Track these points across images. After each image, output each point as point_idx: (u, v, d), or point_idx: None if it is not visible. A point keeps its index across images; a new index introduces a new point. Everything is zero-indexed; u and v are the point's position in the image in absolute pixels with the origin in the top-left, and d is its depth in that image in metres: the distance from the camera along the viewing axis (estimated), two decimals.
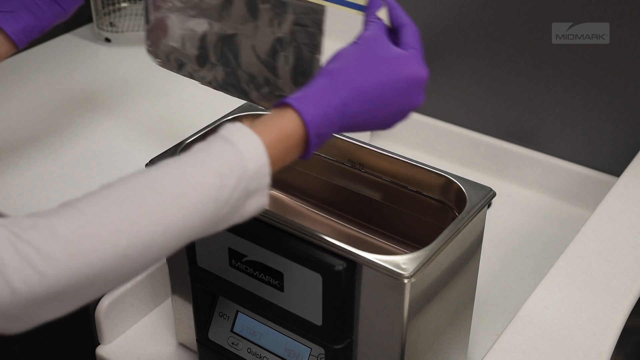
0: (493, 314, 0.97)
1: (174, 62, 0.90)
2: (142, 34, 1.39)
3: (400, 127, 1.43)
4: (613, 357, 0.75)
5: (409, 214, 0.86)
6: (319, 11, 0.77)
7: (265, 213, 0.76)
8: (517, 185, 1.23)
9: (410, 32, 0.69)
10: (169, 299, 1.00)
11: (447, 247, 0.72)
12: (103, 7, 1.39)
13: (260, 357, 0.82)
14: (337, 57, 0.67)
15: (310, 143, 0.64)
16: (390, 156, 0.85)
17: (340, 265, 0.71)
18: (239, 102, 0.96)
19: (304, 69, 0.79)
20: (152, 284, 1.01)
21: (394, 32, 0.71)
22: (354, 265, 0.71)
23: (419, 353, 0.76)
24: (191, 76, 0.90)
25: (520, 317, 0.77)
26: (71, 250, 0.53)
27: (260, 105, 0.86)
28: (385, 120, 0.68)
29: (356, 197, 0.90)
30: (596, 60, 1.10)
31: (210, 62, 0.87)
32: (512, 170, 1.23)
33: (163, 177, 0.58)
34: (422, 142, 1.31)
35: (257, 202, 0.62)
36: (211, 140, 0.61)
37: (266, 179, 0.61)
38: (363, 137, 1.32)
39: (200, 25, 0.86)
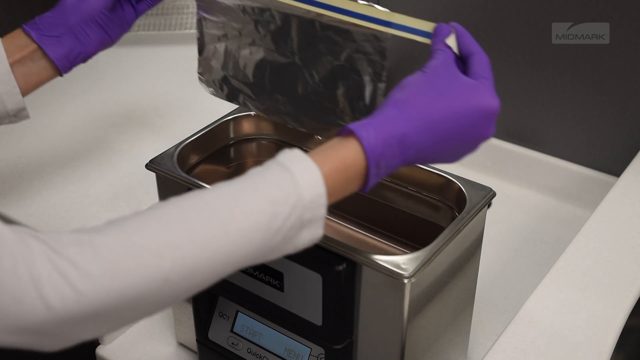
0: (493, 314, 0.97)
1: (227, 90, 0.88)
2: (141, 33, 1.39)
3: None
4: (613, 357, 0.75)
5: (409, 214, 0.86)
6: (383, 39, 0.74)
7: None
8: (517, 185, 1.23)
9: (481, 61, 0.66)
10: None
11: (447, 247, 0.72)
12: None
13: (260, 357, 0.82)
14: (403, 86, 0.63)
15: (369, 174, 0.60)
16: None
17: (340, 265, 0.71)
18: None
19: (366, 98, 0.76)
20: None
21: (462, 61, 0.67)
22: (354, 265, 0.71)
23: (419, 353, 0.76)
24: (245, 105, 0.87)
25: (520, 317, 0.77)
26: (111, 271, 0.51)
27: (319, 136, 0.83)
28: (452, 153, 0.64)
29: (356, 197, 0.90)
30: (596, 60, 1.10)
31: (265, 91, 0.84)
32: (512, 170, 1.23)
33: (213, 201, 0.56)
34: None
35: (312, 234, 0.60)
36: (267, 165, 0.59)
37: (322, 210, 0.59)
38: None
39: (255, 53, 0.83)
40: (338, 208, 0.93)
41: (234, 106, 0.94)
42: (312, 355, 0.78)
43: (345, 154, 0.60)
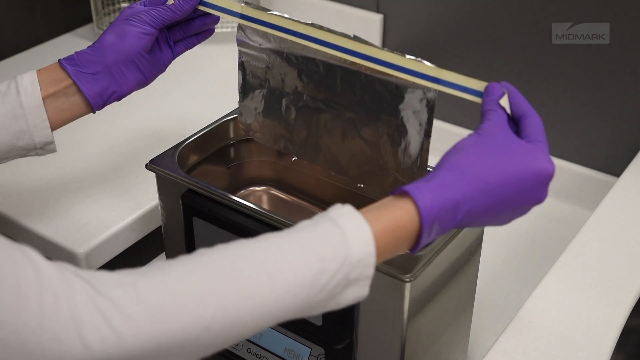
0: (493, 314, 0.97)
1: (268, 135, 0.87)
2: None
3: None
4: (613, 357, 0.75)
5: None
6: (430, 94, 0.73)
7: (265, 213, 0.76)
8: None
9: (535, 124, 0.64)
10: None
11: (447, 247, 0.72)
12: (103, 7, 1.39)
13: (260, 357, 0.82)
14: (459, 149, 0.62)
15: (421, 236, 0.59)
16: None
17: None
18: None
19: (411, 151, 0.76)
20: None
21: (514, 122, 0.66)
22: None
23: (419, 353, 0.76)
24: (287, 150, 0.86)
25: (520, 317, 0.77)
26: (153, 315, 0.51)
27: (361, 184, 0.82)
28: (504, 217, 0.63)
29: (356, 197, 0.90)
30: (596, 60, 1.10)
31: (308, 138, 0.83)
32: None
33: (261, 252, 0.56)
34: None
35: (356, 292, 0.58)
36: (317, 218, 0.58)
37: (369, 270, 0.58)
38: None
39: (298, 101, 0.83)
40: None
41: (234, 105, 0.94)
42: (312, 355, 0.78)
43: (398, 215, 0.59)
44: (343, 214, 0.58)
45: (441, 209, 0.59)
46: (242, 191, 0.98)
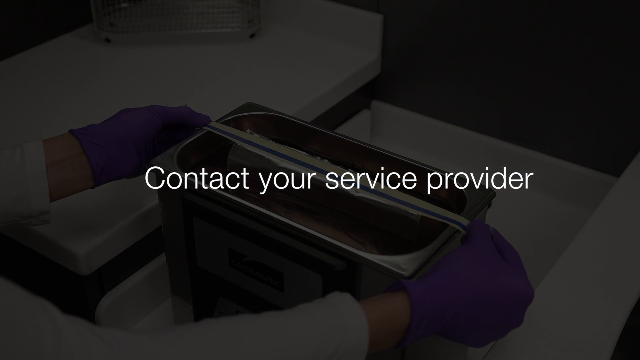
0: None
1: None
2: (142, 34, 1.39)
3: (401, 127, 1.43)
4: (613, 357, 0.75)
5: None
6: (413, 219, 0.78)
7: (265, 213, 0.76)
8: (517, 185, 1.23)
9: (515, 255, 0.70)
10: (169, 299, 1.00)
11: (447, 247, 0.72)
12: (103, 7, 1.38)
13: None
14: (452, 258, 0.67)
15: (409, 330, 0.63)
16: (391, 156, 0.85)
17: (340, 266, 0.71)
18: (238, 102, 0.96)
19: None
20: (152, 284, 1.01)
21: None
22: (354, 265, 0.71)
23: (419, 353, 0.76)
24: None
25: None
26: None
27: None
28: (483, 334, 0.67)
29: (356, 197, 0.90)
30: (596, 60, 1.10)
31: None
32: (512, 170, 1.23)
33: (266, 327, 0.59)
34: (422, 142, 1.31)
35: None
36: (317, 302, 0.62)
37: (361, 357, 0.61)
38: (363, 138, 1.32)
39: (287, 207, 0.88)
40: (337, 207, 0.93)
41: (233, 106, 0.94)
42: None
43: (392, 306, 0.63)
44: (342, 300, 0.62)
45: (431, 306, 0.63)
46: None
